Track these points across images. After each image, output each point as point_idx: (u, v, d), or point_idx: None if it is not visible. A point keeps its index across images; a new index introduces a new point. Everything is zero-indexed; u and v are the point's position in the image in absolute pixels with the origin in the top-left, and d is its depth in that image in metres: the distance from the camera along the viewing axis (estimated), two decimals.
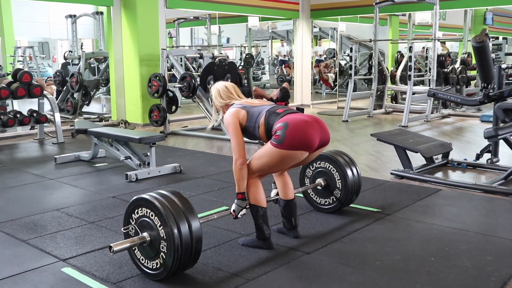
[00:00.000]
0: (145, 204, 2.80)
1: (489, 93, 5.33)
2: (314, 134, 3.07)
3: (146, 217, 2.80)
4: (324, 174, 3.98)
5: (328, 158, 3.95)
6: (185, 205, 2.80)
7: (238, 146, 3.11)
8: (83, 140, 7.39)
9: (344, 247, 3.35)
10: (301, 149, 3.05)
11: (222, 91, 3.31)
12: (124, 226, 2.92)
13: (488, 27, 14.30)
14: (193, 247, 2.74)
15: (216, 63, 8.11)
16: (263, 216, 3.22)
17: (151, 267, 2.83)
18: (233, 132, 3.14)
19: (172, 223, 2.67)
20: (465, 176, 5.32)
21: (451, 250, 3.27)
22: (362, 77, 13.43)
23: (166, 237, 2.69)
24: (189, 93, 7.89)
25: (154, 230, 2.75)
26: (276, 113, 3.14)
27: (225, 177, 5.25)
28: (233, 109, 3.20)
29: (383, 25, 13.13)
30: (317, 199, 4.07)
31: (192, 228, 2.72)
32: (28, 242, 3.46)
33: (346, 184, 3.87)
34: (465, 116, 10.15)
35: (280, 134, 3.01)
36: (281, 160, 3.07)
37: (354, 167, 3.95)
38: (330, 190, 3.96)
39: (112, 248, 2.70)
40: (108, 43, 9.65)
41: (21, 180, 5.25)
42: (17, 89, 7.01)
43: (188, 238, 2.70)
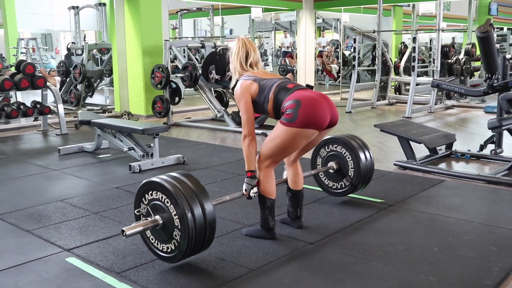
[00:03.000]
0: (157, 187, 2.76)
1: (493, 84, 5.31)
2: (325, 112, 3.03)
3: (158, 200, 2.76)
4: (337, 158, 3.94)
5: (341, 141, 3.90)
6: (197, 186, 2.76)
7: (248, 122, 3.08)
8: (86, 132, 7.40)
9: (348, 237, 3.35)
10: (312, 128, 3.01)
11: (242, 56, 3.20)
12: (136, 208, 2.89)
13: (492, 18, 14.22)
14: (207, 229, 2.71)
15: (218, 53, 8.09)
16: (271, 207, 3.21)
17: (165, 250, 2.81)
18: (244, 108, 3.09)
19: (185, 206, 2.64)
20: (469, 167, 5.31)
21: (454, 241, 3.28)
22: (365, 68, 13.38)
23: (179, 220, 2.66)
24: (191, 83, 7.89)
25: (167, 212, 2.72)
26: (286, 88, 3.09)
27: (228, 168, 5.25)
28: (246, 82, 3.12)
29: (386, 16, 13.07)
30: (329, 183, 4.05)
31: (205, 210, 2.69)
32: (32, 232, 3.48)
33: (359, 168, 3.83)
34: (469, 107, 10.12)
35: (292, 112, 2.96)
36: (293, 139, 3.02)
37: (367, 151, 3.90)
38: (343, 173, 3.92)
39: (125, 232, 2.68)
40: (111, 34, 9.63)
41: (25, 171, 5.27)
42: (20, 81, 7.02)
43: (201, 220, 2.67)
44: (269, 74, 3.26)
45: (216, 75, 7.84)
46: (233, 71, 3.28)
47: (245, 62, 3.21)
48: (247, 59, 3.21)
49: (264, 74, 3.21)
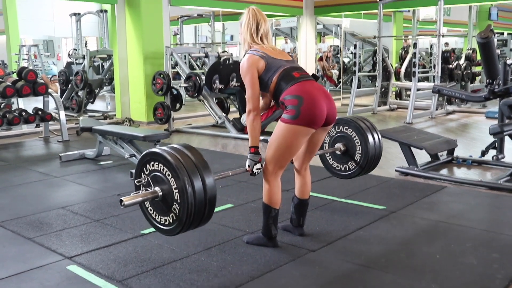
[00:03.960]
0: (158, 158, 2.71)
1: (494, 89, 5.30)
2: (323, 110, 3.00)
3: (158, 171, 2.71)
4: (344, 139, 3.87)
5: (349, 122, 3.84)
6: (199, 160, 2.71)
7: (253, 97, 3.03)
8: (88, 138, 7.41)
9: (349, 244, 3.35)
10: (310, 126, 2.98)
11: (252, 26, 3.13)
12: (136, 179, 2.84)
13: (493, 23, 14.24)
14: (207, 204, 2.66)
15: (222, 63, 8.11)
16: (274, 217, 3.19)
17: (164, 223, 2.76)
18: (250, 82, 3.04)
19: (186, 178, 2.58)
20: (470, 173, 5.30)
21: (456, 248, 3.27)
22: (366, 73, 13.40)
23: (179, 193, 2.61)
24: (195, 93, 7.88)
25: (167, 184, 2.67)
26: (290, 76, 3.03)
27: None
28: (254, 57, 3.06)
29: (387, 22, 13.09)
30: (336, 166, 3.98)
31: (206, 184, 2.64)
32: (33, 240, 3.48)
33: (366, 149, 3.76)
34: (470, 113, 10.11)
35: (294, 109, 2.93)
36: (295, 137, 2.98)
37: (375, 132, 3.83)
38: (350, 155, 3.85)
39: (123, 202, 2.65)
40: (113, 41, 9.66)
41: (27, 178, 5.27)
42: (22, 88, 7.03)
43: (201, 194, 2.61)
44: (278, 52, 3.18)
45: (220, 84, 7.84)
46: (242, 42, 3.20)
47: (256, 33, 3.13)
48: (258, 30, 3.13)
49: (273, 51, 3.14)
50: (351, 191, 4.58)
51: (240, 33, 3.22)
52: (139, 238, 3.48)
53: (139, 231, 3.60)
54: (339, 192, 4.55)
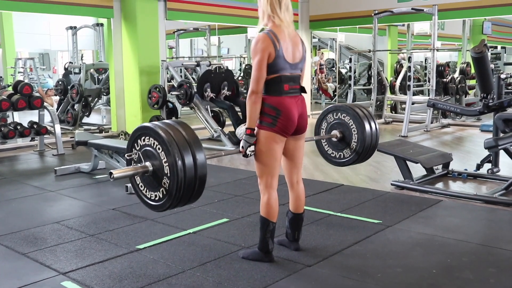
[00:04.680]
0: (149, 133, 2.69)
1: (488, 103, 5.33)
2: (295, 122, 3.09)
3: (149, 146, 2.69)
4: (341, 126, 3.85)
5: (345, 109, 3.82)
6: (191, 136, 2.69)
7: (258, 79, 2.99)
8: (83, 151, 7.38)
9: (345, 259, 3.34)
10: (283, 135, 3.07)
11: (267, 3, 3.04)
12: (128, 153, 2.83)
13: (486, 37, 14.36)
14: (197, 180, 2.64)
15: (213, 71, 8.14)
16: (272, 231, 3.19)
17: (153, 198, 2.75)
18: (257, 65, 2.99)
19: (176, 153, 2.57)
20: (466, 187, 5.31)
21: (453, 262, 3.26)
22: (361, 87, 13.45)
23: (170, 168, 2.60)
24: (186, 101, 7.91)
25: (157, 159, 2.65)
26: (280, 87, 3.05)
27: (225, 189, 5.23)
28: (269, 40, 2.98)
29: (382, 36, 13.18)
30: (332, 153, 3.96)
31: (197, 160, 2.62)
32: (27, 255, 3.45)
33: (363, 136, 3.74)
34: (464, 126, 10.16)
35: (271, 119, 3.03)
36: (273, 142, 3.06)
37: (372, 120, 3.80)
38: (346, 142, 3.83)
39: (113, 174, 2.62)
40: (108, 54, 9.68)
41: (21, 192, 5.24)
42: (17, 101, 7.02)
43: (192, 167, 2.60)
44: (292, 43, 3.09)
45: (211, 93, 7.86)
46: (261, 16, 3.10)
47: (278, 4, 3.02)
48: (280, 1, 3.02)
49: (289, 41, 3.06)
50: (347, 205, 4.57)
51: (259, 6, 3.11)
52: (134, 253, 3.46)
53: (134, 246, 3.58)
54: (335, 206, 4.54)
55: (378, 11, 10.19)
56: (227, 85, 8.05)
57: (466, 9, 10.04)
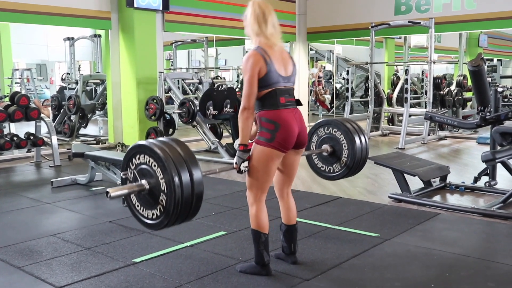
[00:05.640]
0: (145, 151, 2.68)
1: (486, 117, 5.35)
2: (294, 136, 3.08)
3: (145, 164, 2.68)
4: (331, 140, 3.85)
5: (336, 124, 3.84)
6: (187, 152, 2.68)
7: (249, 95, 3.01)
8: (80, 163, 7.35)
9: (343, 273, 3.32)
10: (282, 151, 3.05)
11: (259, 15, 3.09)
12: (123, 171, 2.80)
13: (482, 49, 14.45)
14: (194, 196, 2.63)
15: (216, 89, 8.15)
16: (265, 242, 3.18)
17: (150, 217, 2.72)
18: (249, 81, 3.01)
19: (173, 169, 2.55)
20: (463, 200, 5.31)
21: (451, 276, 3.25)
22: (358, 99, 13.49)
23: (166, 185, 2.58)
24: (189, 119, 7.88)
25: (154, 177, 2.63)
26: (276, 100, 3.05)
27: (222, 201, 5.21)
28: (259, 56, 3.02)
29: (379, 48, 13.23)
30: (321, 167, 3.96)
31: (193, 176, 2.61)
32: (23, 269, 3.42)
33: (353, 151, 3.74)
34: (461, 138, 10.18)
35: (269, 133, 3.02)
36: (270, 159, 3.04)
37: (362, 135, 3.82)
38: (337, 156, 3.83)
39: (109, 193, 2.60)
40: (106, 65, 9.69)
41: (17, 204, 5.21)
42: (14, 112, 7.00)
43: (189, 186, 2.58)
44: (282, 58, 3.12)
45: (213, 110, 7.85)
46: (251, 35, 3.13)
47: (264, 23, 3.07)
48: (265, 20, 3.08)
49: (279, 56, 3.09)
50: (344, 218, 4.56)
51: (246, 26, 3.15)
52: (130, 266, 3.43)
53: (131, 259, 3.55)
54: (333, 219, 4.53)
55: (375, 24, 10.26)
56: (230, 103, 8.06)
57: (462, 22, 10.11)
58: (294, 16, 12.14)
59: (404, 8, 10.66)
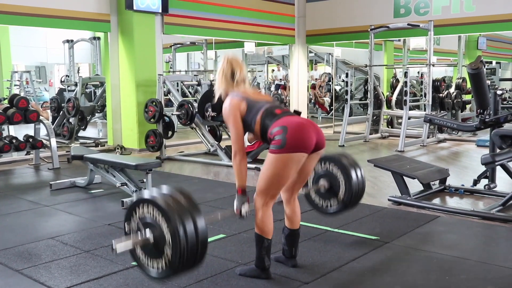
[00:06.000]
0: (147, 203, 2.69)
1: (485, 119, 5.35)
2: (311, 134, 3.04)
3: (149, 215, 2.68)
4: (328, 176, 3.85)
5: (333, 159, 3.83)
6: (190, 203, 2.69)
7: (238, 138, 3.07)
8: (79, 165, 7.34)
9: (343, 276, 3.31)
10: (300, 151, 2.99)
11: (227, 73, 3.21)
12: (125, 222, 2.80)
13: (481, 52, 14.47)
14: (199, 246, 2.63)
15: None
16: (267, 247, 3.16)
17: (156, 267, 2.71)
18: (233, 124, 3.08)
19: (177, 220, 2.56)
20: (463, 202, 5.30)
21: (451, 279, 3.24)
22: (358, 102, 13.50)
23: (171, 236, 2.58)
24: (187, 121, 7.88)
25: (158, 228, 2.64)
26: (273, 114, 3.09)
27: (222, 204, 5.21)
28: (234, 99, 3.12)
29: (378, 50, 13.25)
30: (319, 202, 3.95)
31: (197, 227, 2.61)
32: (21, 272, 3.40)
33: (350, 186, 3.74)
34: (461, 141, 10.18)
35: (280, 138, 2.96)
36: (285, 166, 2.99)
37: (358, 170, 3.82)
38: (334, 192, 3.83)
39: (115, 250, 2.60)
40: (105, 68, 9.69)
41: (16, 207, 5.19)
42: (13, 115, 7.00)
43: (193, 237, 2.59)
44: (257, 94, 3.26)
45: (212, 112, 7.85)
46: (217, 89, 3.27)
47: (231, 79, 3.21)
48: (233, 76, 3.21)
49: (253, 94, 3.21)
50: (344, 221, 4.55)
51: (215, 79, 3.30)
52: (129, 269, 3.42)
53: (130, 262, 3.52)
54: (332, 222, 4.51)
55: (375, 27, 10.27)
56: None
57: (461, 25, 10.13)
58: (293, 19, 12.16)
59: (403, 11, 10.69)
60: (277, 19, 11.72)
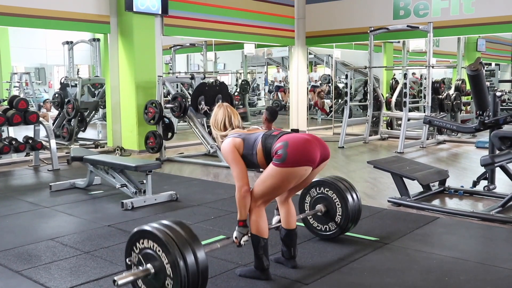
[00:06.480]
0: (148, 236, 2.75)
1: (484, 121, 5.36)
2: (314, 149, 3.08)
3: (149, 248, 2.74)
4: (324, 200, 3.94)
5: (328, 183, 3.92)
6: (190, 235, 2.75)
7: (241, 173, 3.10)
8: (78, 167, 7.34)
9: (343, 277, 3.31)
10: (304, 165, 3.03)
11: (225, 120, 3.31)
12: (127, 257, 2.86)
13: (480, 54, 14.49)
14: (200, 278, 2.68)
15: (207, 84, 8.15)
16: (264, 247, 3.18)
17: None
18: (233, 161, 3.13)
19: (177, 254, 2.62)
20: (462, 204, 5.31)
21: (451, 280, 3.24)
22: (357, 103, 13.51)
23: (172, 269, 2.64)
24: (180, 113, 7.91)
25: (158, 261, 2.69)
26: (272, 136, 3.15)
27: (221, 205, 5.21)
28: (229, 139, 3.21)
29: (377, 52, 13.26)
30: (317, 226, 4.03)
31: (198, 259, 2.67)
32: (21, 273, 3.40)
33: (346, 210, 3.84)
34: (460, 142, 10.19)
35: (281, 153, 2.99)
36: (285, 179, 3.04)
37: (354, 193, 3.93)
38: (331, 216, 3.92)
39: (117, 282, 2.63)
40: (105, 69, 9.69)
41: (16, 208, 5.19)
42: (13, 116, 7.00)
43: (194, 268, 2.64)
44: (252, 130, 3.33)
45: (205, 106, 7.85)
46: (216, 136, 3.36)
47: (229, 124, 3.30)
48: (230, 122, 3.30)
49: (246, 131, 3.30)
50: None
51: (213, 126, 3.35)
52: None
53: None
54: None
55: (374, 28, 10.28)
56: (222, 98, 8.04)
57: (460, 27, 10.14)
58: (293, 21, 12.17)
59: (403, 13, 10.70)
60: (276, 20, 11.73)
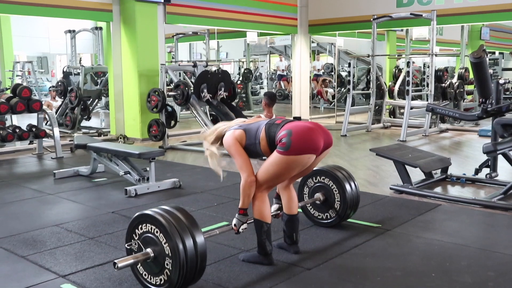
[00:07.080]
0: (148, 220, 2.79)
1: (487, 108, 5.36)
2: (318, 137, 3.10)
3: (149, 232, 2.79)
4: (323, 189, 3.99)
5: (327, 172, 3.96)
6: (189, 220, 2.80)
7: (246, 163, 3.14)
8: (82, 155, 7.38)
9: (345, 262, 3.34)
10: (308, 153, 3.06)
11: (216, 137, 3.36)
12: (127, 242, 2.91)
13: (484, 42, 14.41)
14: (198, 262, 2.73)
15: (210, 72, 8.14)
16: (267, 232, 3.21)
17: (155, 283, 2.81)
18: (236, 152, 3.16)
19: (177, 238, 2.66)
20: (464, 191, 5.33)
21: (452, 266, 3.27)
22: (360, 92, 13.49)
23: (171, 253, 2.68)
24: (183, 101, 7.92)
25: (158, 245, 2.74)
26: (275, 124, 3.17)
27: (224, 192, 5.24)
28: (229, 132, 3.24)
29: (380, 40, 13.21)
30: (316, 214, 4.08)
31: (197, 243, 2.72)
32: (27, 258, 3.45)
33: (344, 198, 3.89)
34: (463, 131, 10.18)
35: (285, 141, 3.01)
36: (289, 166, 3.07)
37: (352, 182, 3.97)
38: (329, 204, 3.97)
39: (117, 264, 2.68)
40: (107, 58, 9.69)
41: (20, 196, 5.24)
42: (16, 104, 7.02)
43: (193, 253, 2.69)
44: (251, 120, 3.37)
45: (207, 93, 7.85)
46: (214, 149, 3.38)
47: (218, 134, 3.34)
48: None
49: (246, 121, 3.33)
50: None
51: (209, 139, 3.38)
52: None
53: None
54: None
55: (377, 16, 10.23)
56: (224, 86, 8.05)
57: (464, 15, 10.09)
58: (296, 9, 12.12)
59: (406, 1, 10.64)
60: (279, 8, 11.69)
